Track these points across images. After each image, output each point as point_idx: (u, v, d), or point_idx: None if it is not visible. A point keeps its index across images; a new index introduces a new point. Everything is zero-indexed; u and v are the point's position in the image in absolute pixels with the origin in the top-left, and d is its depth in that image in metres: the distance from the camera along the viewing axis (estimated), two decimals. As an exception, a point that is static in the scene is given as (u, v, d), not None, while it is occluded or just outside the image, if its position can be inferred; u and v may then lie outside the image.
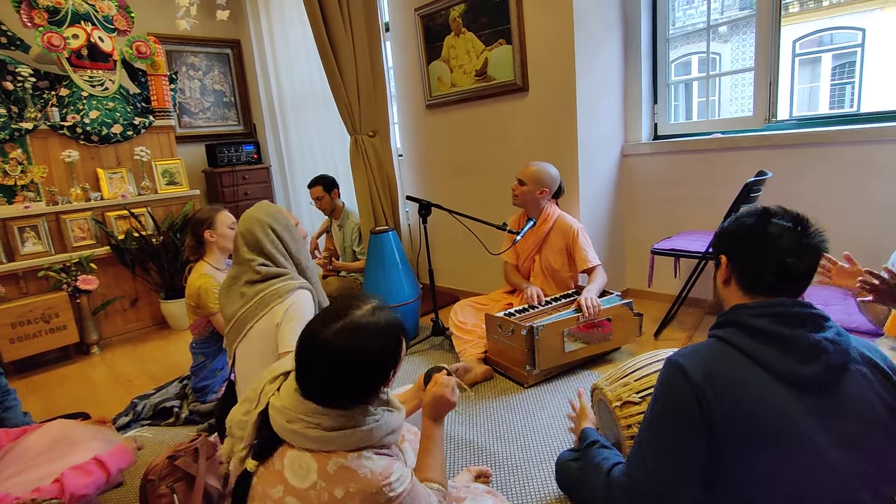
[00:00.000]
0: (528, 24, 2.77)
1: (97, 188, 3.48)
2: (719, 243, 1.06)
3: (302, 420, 0.93)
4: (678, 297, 2.62)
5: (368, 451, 0.94)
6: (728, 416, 0.85)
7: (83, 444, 1.61)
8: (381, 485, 0.91)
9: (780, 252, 0.94)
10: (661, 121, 3.05)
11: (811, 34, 9.48)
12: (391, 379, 1.00)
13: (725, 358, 0.91)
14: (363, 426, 0.94)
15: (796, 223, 0.96)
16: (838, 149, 2.36)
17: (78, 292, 3.18)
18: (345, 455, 0.92)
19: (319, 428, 0.92)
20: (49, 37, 3.22)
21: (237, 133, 4.89)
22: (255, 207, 1.66)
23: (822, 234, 0.97)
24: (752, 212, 1.02)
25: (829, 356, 0.87)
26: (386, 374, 0.97)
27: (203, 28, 4.19)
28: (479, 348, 2.42)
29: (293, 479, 0.92)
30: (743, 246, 1.00)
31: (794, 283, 0.95)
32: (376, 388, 0.98)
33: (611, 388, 1.49)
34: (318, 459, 0.92)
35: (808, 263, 0.94)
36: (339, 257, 3.61)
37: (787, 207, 1.01)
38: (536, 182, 2.47)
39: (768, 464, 0.84)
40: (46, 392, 2.77)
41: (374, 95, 3.44)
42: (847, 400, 0.87)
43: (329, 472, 0.91)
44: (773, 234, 0.95)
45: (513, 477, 1.65)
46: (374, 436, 0.95)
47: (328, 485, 0.90)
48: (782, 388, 0.86)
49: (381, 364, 0.96)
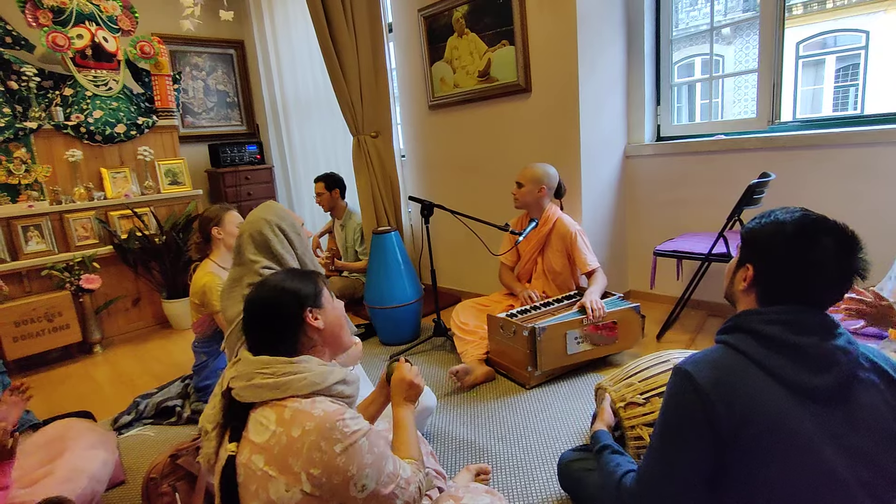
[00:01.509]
0: (531, 25, 2.77)
1: (100, 188, 3.50)
2: (749, 249, 0.97)
3: (258, 374, 1.01)
4: (681, 298, 2.61)
5: (322, 397, 1.01)
6: (736, 426, 0.84)
7: (77, 447, 1.61)
8: (335, 419, 0.95)
9: (821, 281, 0.87)
10: (664, 122, 3.05)
11: (815, 36, 9.48)
12: (313, 321, 1.09)
13: (734, 366, 0.89)
14: (312, 371, 1.02)
15: (845, 246, 0.87)
16: (842, 151, 2.36)
17: (81, 291, 3.19)
18: (299, 400, 0.99)
19: (273, 376, 1.00)
20: (54, 36, 3.23)
21: (240, 133, 4.90)
22: (261, 208, 1.64)
23: (867, 258, 0.89)
24: (796, 220, 0.91)
25: (841, 367, 0.85)
26: (301, 311, 1.08)
27: (207, 28, 4.20)
28: (480, 349, 2.42)
29: (255, 437, 0.97)
30: (777, 263, 0.91)
31: (821, 308, 0.90)
32: (300, 325, 1.08)
33: (615, 389, 1.49)
34: (276, 410, 0.98)
35: (844, 292, 0.89)
36: (342, 257, 3.62)
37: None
38: (534, 181, 2.47)
39: (775, 474, 0.82)
40: (49, 391, 2.78)
41: (377, 96, 3.44)
42: (857, 410, 0.85)
43: (286, 417, 0.96)
44: (818, 260, 0.87)
45: (514, 478, 1.65)
46: (325, 380, 1.03)
47: (285, 428, 0.95)
48: (792, 398, 0.84)
49: (294, 299, 1.08)
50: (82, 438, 1.70)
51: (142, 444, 2.10)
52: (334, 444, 0.93)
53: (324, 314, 1.12)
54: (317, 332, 1.10)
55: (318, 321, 1.10)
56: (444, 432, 1.95)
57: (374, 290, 2.86)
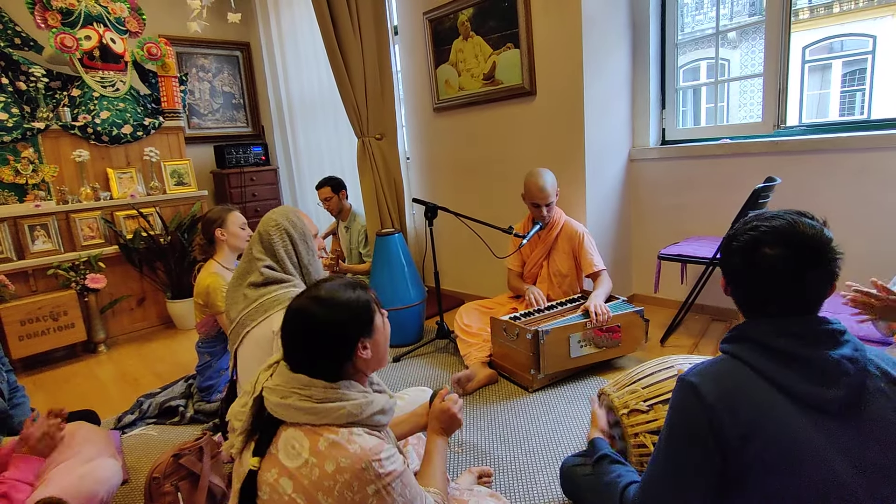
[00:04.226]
0: (537, 28, 2.77)
1: (107, 188, 3.52)
2: (719, 261, 0.98)
3: (295, 393, 0.97)
4: (685, 303, 2.60)
5: (359, 429, 0.97)
6: (742, 439, 0.82)
7: (73, 451, 1.61)
8: (370, 459, 0.92)
9: (780, 287, 0.86)
10: (669, 126, 3.04)
11: (821, 41, 9.44)
12: (362, 352, 1.03)
13: (739, 378, 0.87)
14: (352, 400, 0.99)
15: (793, 250, 0.85)
16: (848, 155, 2.34)
17: (86, 291, 3.21)
18: (336, 431, 0.95)
19: (311, 400, 0.96)
20: (62, 38, 3.26)
21: (245, 135, 4.92)
22: (278, 209, 1.67)
23: (831, 254, 0.85)
24: (742, 232, 0.91)
25: (850, 378, 0.83)
26: (354, 343, 1.02)
27: (213, 30, 4.22)
28: (483, 352, 2.41)
29: (286, 460, 0.94)
30: (736, 277, 0.93)
31: (803, 312, 0.89)
32: (350, 356, 1.02)
33: (618, 395, 1.47)
34: (310, 437, 0.94)
35: (819, 291, 0.87)
36: (346, 259, 3.62)
37: (785, 217, 0.88)
38: (554, 191, 2.49)
39: (783, 488, 0.81)
40: (53, 389, 2.79)
41: (382, 98, 3.45)
42: (867, 421, 0.83)
43: (320, 448, 0.93)
44: (765, 269, 0.87)
45: (517, 481, 1.64)
46: (363, 411, 0.99)
47: (319, 461, 0.92)
48: (800, 411, 0.83)
49: (348, 329, 1.02)
50: (90, 444, 1.69)
51: (145, 443, 2.10)
52: (367, 484, 0.91)
53: (373, 344, 1.06)
54: (363, 361, 1.05)
55: (366, 351, 1.04)
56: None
57: (377, 292, 2.85)
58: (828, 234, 0.87)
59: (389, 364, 2.65)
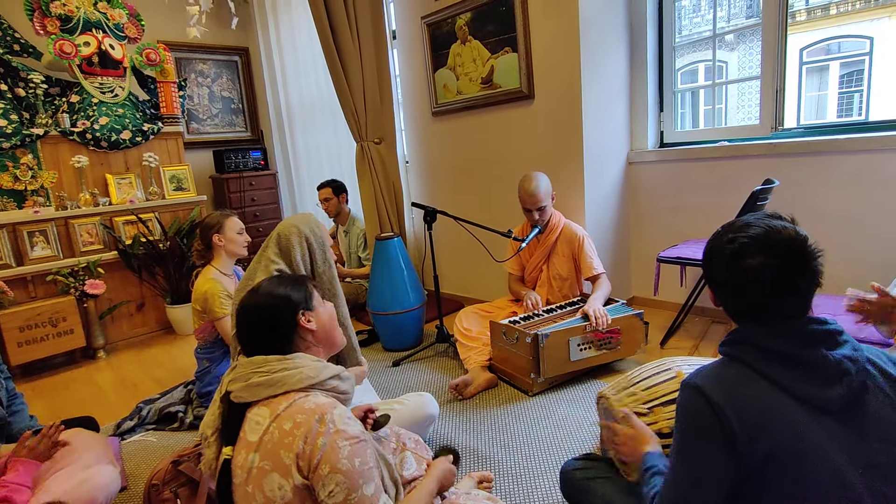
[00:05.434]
0: (534, 32, 2.78)
1: (106, 193, 3.52)
2: (703, 275, 0.99)
3: (254, 373, 1.04)
4: (684, 305, 2.60)
5: (316, 391, 1.04)
6: (750, 440, 0.82)
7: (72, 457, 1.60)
8: (324, 412, 0.96)
9: (770, 294, 0.86)
10: (667, 129, 3.05)
11: (818, 42, 9.46)
12: (306, 323, 1.13)
13: (743, 379, 0.87)
14: (307, 365, 1.06)
15: (778, 257, 0.85)
16: (846, 157, 2.35)
17: (85, 297, 3.20)
18: (294, 395, 1.01)
19: (269, 373, 1.03)
20: (61, 44, 3.26)
21: (244, 139, 4.93)
22: (300, 216, 1.70)
23: (812, 254, 0.85)
24: (721, 246, 0.92)
25: (851, 377, 0.83)
26: (294, 313, 1.13)
27: (212, 36, 4.23)
28: (483, 356, 2.41)
29: (251, 436, 0.98)
30: (724, 289, 0.93)
31: (797, 315, 0.88)
32: (293, 326, 1.12)
33: (617, 398, 1.46)
34: (271, 407, 1.00)
35: (809, 291, 0.87)
36: (345, 263, 3.62)
37: (766, 223, 0.88)
38: (547, 195, 2.48)
39: (788, 486, 0.81)
40: (52, 396, 2.79)
41: (381, 103, 3.46)
42: (868, 419, 0.84)
43: (279, 411, 0.98)
44: (752, 280, 0.87)
45: (516, 486, 1.64)
46: (320, 374, 1.06)
47: (278, 423, 0.96)
48: (804, 411, 0.83)
49: (287, 302, 1.13)
50: (88, 450, 1.68)
51: (144, 450, 2.10)
52: (318, 437, 0.94)
53: (316, 316, 1.17)
54: (310, 333, 1.15)
55: (311, 323, 1.14)
56: (446, 439, 1.94)
57: (376, 296, 2.86)
58: (802, 232, 0.88)
59: (389, 368, 2.64)
